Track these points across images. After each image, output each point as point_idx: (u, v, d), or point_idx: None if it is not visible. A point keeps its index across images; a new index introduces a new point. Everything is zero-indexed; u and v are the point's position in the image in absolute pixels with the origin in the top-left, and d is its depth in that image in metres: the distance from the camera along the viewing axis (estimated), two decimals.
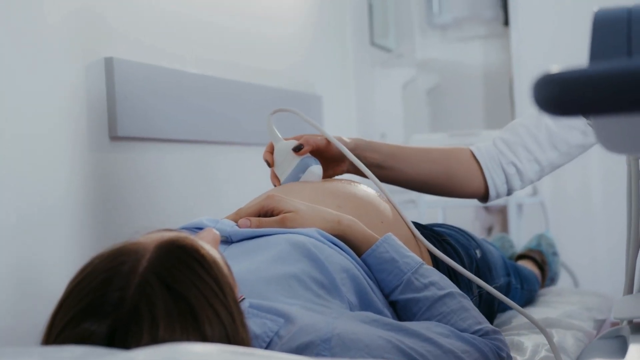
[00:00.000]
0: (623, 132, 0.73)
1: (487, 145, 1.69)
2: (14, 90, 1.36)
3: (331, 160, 1.60)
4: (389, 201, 1.49)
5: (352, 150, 1.56)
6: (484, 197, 1.70)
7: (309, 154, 1.55)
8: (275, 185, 1.58)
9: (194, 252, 0.91)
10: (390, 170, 1.63)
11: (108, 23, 1.63)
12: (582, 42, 2.81)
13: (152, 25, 1.78)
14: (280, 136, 1.59)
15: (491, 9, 3.80)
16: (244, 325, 0.92)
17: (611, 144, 0.79)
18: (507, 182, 1.67)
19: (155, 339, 0.83)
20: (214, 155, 2.02)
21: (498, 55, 3.82)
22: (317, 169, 1.54)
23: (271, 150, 1.60)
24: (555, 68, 0.66)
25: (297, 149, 1.54)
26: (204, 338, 0.86)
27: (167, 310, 0.85)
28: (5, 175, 1.33)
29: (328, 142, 1.55)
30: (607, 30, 0.74)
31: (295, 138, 1.58)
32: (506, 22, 3.68)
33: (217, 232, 1.04)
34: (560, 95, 0.62)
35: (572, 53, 3.12)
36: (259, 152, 2.26)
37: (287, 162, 1.56)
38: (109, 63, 1.60)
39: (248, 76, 2.18)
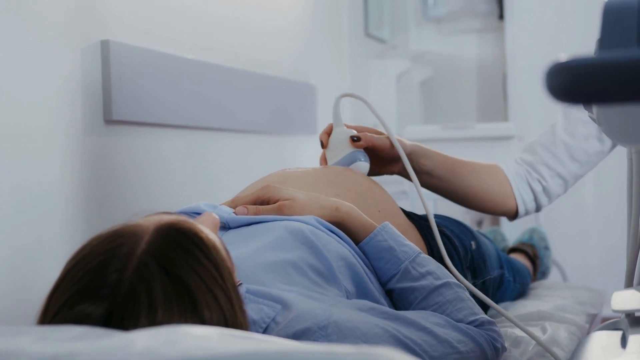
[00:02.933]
0: (630, 122, 0.73)
1: (514, 164, 1.71)
2: (8, 73, 1.34)
3: (384, 160, 1.61)
4: (426, 211, 1.49)
5: (408, 155, 1.58)
6: (514, 214, 1.72)
7: (362, 150, 1.55)
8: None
9: (193, 236, 0.90)
10: (438, 180, 1.64)
11: (105, 5, 1.61)
12: (577, 37, 2.81)
13: (149, 9, 1.77)
14: (342, 121, 1.60)
15: (486, 2, 3.79)
16: (242, 310, 0.91)
17: (616, 134, 0.79)
18: (535, 199, 1.70)
19: (153, 322, 0.82)
20: (208, 142, 2.01)
21: (492, 49, 3.81)
22: (363, 165, 1.56)
23: (329, 132, 1.61)
24: (564, 56, 0.65)
25: (354, 140, 1.54)
26: (202, 322, 0.85)
27: (165, 293, 0.83)
28: None
29: (385, 143, 1.56)
30: (617, 20, 0.74)
31: (357, 128, 1.59)
32: (501, 16, 3.67)
33: (217, 217, 1.03)
34: (573, 83, 0.62)
35: (567, 48, 3.13)
36: (253, 140, 2.26)
37: (340, 148, 1.57)
38: (105, 46, 1.58)
39: (244, 64, 2.17)
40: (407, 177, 1.60)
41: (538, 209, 1.73)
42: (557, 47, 3.22)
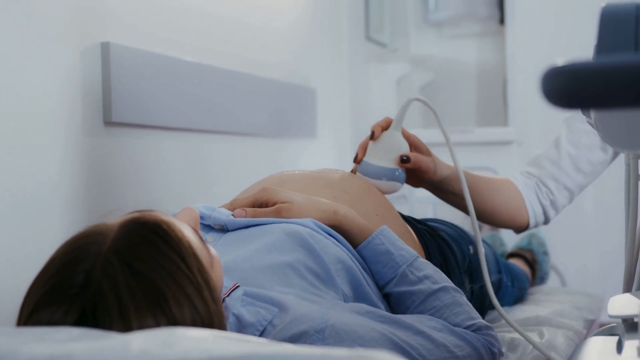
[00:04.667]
0: (627, 128, 0.73)
1: (522, 177, 1.72)
2: (8, 74, 1.34)
3: (418, 177, 1.60)
4: (473, 229, 1.49)
5: (444, 179, 1.58)
6: (525, 227, 1.72)
7: (403, 169, 1.55)
8: (356, 155, 1.57)
9: (156, 228, 0.90)
10: (462, 199, 1.62)
11: (105, 7, 1.61)
12: (577, 42, 2.82)
13: (150, 11, 1.77)
14: (403, 125, 1.57)
15: (487, 7, 3.79)
16: (215, 300, 0.90)
17: (613, 139, 0.79)
18: (544, 213, 1.71)
19: (125, 320, 0.83)
20: (208, 144, 2.01)
21: (493, 54, 3.81)
22: (398, 186, 1.55)
23: (385, 128, 1.57)
24: (561, 61, 0.65)
25: (403, 160, 1.53)
26: (172, 315, 0.85)
27: (130, 289, 0.84)
28: None
29: (429, 167, 1.55)
30: (615, 25, 0.74)
31: (412, 140, 1.57)
32: (502, 21, 3.68)
33: (197, 210, 1.03)
34: (569, 87, 0.62)
35: (568, 53, 3.13)
36: (252, 143, 2.26)
37: (386, 155, 1.55)
38: (105, 48, 1.58)
39: (244, 66, 2.17)
40: (432, 191, 1.63)
41: (546, 221, 1.75)
42: (557, 52, 3.22)
